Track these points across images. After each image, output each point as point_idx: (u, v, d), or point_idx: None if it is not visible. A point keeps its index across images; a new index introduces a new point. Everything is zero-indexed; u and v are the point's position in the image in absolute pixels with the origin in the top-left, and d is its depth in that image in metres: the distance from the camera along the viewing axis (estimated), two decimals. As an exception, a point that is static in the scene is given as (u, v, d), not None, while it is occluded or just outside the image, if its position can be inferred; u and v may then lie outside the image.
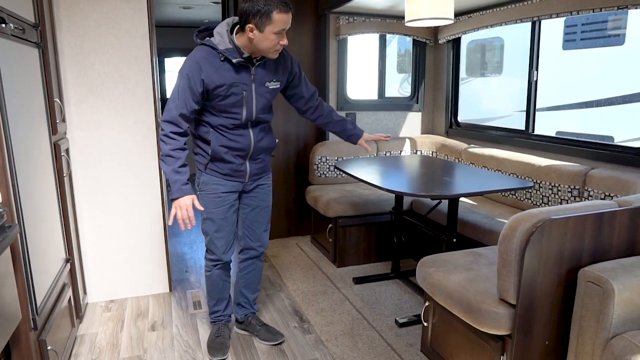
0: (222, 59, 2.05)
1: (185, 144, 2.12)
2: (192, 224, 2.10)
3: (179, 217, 2.09)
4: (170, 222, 2.19)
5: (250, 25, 1.95)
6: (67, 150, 2.71)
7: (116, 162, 2.93)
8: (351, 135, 2.52)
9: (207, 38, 2.10)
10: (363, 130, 2.55)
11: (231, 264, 2.50)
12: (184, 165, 2.10)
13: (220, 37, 2.05)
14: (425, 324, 2.33)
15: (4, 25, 1.74)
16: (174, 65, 8.04)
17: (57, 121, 2.47)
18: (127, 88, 2.89)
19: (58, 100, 2.53)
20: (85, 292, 2.96)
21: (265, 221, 2.48)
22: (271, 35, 1.97)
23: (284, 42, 2.03)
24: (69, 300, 2.46)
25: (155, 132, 2.98)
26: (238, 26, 2.05)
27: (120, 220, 3.00)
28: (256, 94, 2.16)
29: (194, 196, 2.13)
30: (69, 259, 2.54)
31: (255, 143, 2.24)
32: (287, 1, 1.98)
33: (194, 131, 2.26)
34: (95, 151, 2.89)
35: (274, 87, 2.22)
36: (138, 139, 2.95)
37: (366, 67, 4.69)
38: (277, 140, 2.42)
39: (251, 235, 2.46)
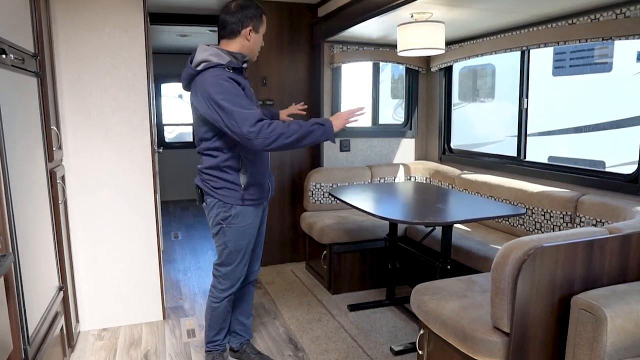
0: (230, 70, 2.13)
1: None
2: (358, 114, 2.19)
3: (348, 116, 2.14)
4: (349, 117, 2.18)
5: (248, 28, 2.16)
6: (62, 177, 2.72)
7: (111, 189, 2.94)
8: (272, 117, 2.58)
9: (204, 63, 2.13)
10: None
11: None
12: (310, 124, 2.04)
13: (217, 55, 2.13)
14: (421, 352, 2.31)
15: (4, 56, 1.77)
16: (170, 90, 8.12)
17: (54, 148, 2.48)
18: (124, 115, 2.92)
19: (55, 128, 2.55)
20: (77, 321, 2.93)
21: (261, 244, 2.52)
22: (261, 35, 2.23)
23: (262, 45, 2.29)
24: (61, 329, 2.44)
25: (150, 159, 3.01)
26: (222, 39, 2.21)
27: (114, 247, 2.99)
28: (256, 101, 2.31)
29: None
30: (62, 287, 2.53)
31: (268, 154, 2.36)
32: None
33: (218, 164, 2.19)
34: (91, 178, 2.90)
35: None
36: (134, 165, 2.97)
37: (360, 94, 4.76)
38: None
39: (251, 260, 2.45)
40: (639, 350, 1.69)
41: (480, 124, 6.72)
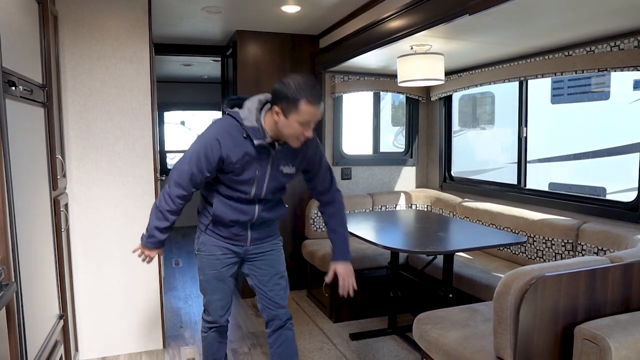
0: (244, 135, 2.00)
1: (182, 208, 2.15)
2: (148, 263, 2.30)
3: (140, 255, 2.26)
4: (133, 251, 2.31)
5: (277, 108, 1.92)
6: (66, 205, 2.74)
7: (114, 217, 2.96)
8: (333, 252, 2.28)
9: (236, 109, 2.05)
10: (345, 258, 2.23)
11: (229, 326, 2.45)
12: (168, 229, 2.18)
13: (249, 112, 2.00)
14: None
15: (14, 88, 1.81)
16: (172, 117, 8.22)
17: (58, 177, 2.51)
18: (128, 144, 2.96)
19: (60, 157, 2.58)
20: (77, 349, 2.90)
21: (279, 288, 2.33)
22: (295, 123, 1.90)
23: (309, 134, 1.95)
24: (61, 358, 2.41)
25: (154, 187, 3.03)
26: (269, 104, 2.01)
27: (115, 275, 2.98)
28: (269, 176, 2.10)
29: (161, 251, 2.28)
30: (62, 315, 2.51)
31: (259, 213, 2.17)
32: (320, 94, 1.93)
33: (202, 192, 2.23)
34: (94, 206, 2.92)
35: (289, 172, 2.13)
36: (137, 194, 2.99)
37: (361, 123, 4.82)
38: (286, 207, 2.34)
39: (269, 305, 2.32)
40: (644, 382, 1.67)
41: (480, 151, 6.77)
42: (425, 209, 4.26)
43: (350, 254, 2.26)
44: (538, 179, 5.27)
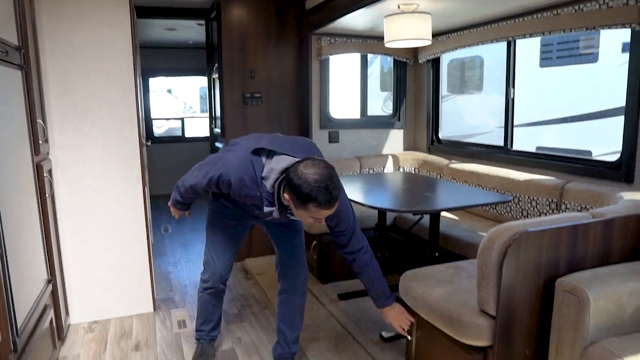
0: (258, 192, 1.88)
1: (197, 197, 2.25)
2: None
3: (172, 212, 2.38)
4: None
5: (287, 195, 1.79)
6: (49, 171, 2.71)
7: (100, 182, 2.93)
8: (376, 300, 2.21)
9: (259, 157, 1.87)
10: (391, 301, 2.18)
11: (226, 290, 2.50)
12: (188, 204, 2.31)
13: (269, 176, 1.84)
14: (410, 337, 2.34)
15: (-13, 47, 1.76)
16: (158, 85, 8.09)
17: (40, 142, 2.47)
18: (111, 109, 2.91)
19: (41, 121, 2.53)
20: (67, 313, 2.92)
21: (297, 244, 2.33)
22: (305, 215, 1.80)
23: (320, 223, 1.87)
24: (51, 321, 2.43)
25: (139, 153, 3.00)
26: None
27: (103, 240, 2.98)
28: (272, 220, 2.03)
29: (188, 212, 2.39)
30: (51, 280, 2.52)
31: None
32: (335, 195, 1.73)
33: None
34: (79, 171, 2.89)
35: (295, 218, 1.98)
36: (122, 159, 2.96)
37: (349, 86, 4.78)
38: None
39: (288, 261, 2.34)
40: (620, 330, 1.73)
41: (469, 116, 6.76)
42: (413, 172, 4.28)
43: (390, 294, 2.19)
44: (525, 144, 5.29)
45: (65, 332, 2.80)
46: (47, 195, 2.55)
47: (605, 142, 4.79)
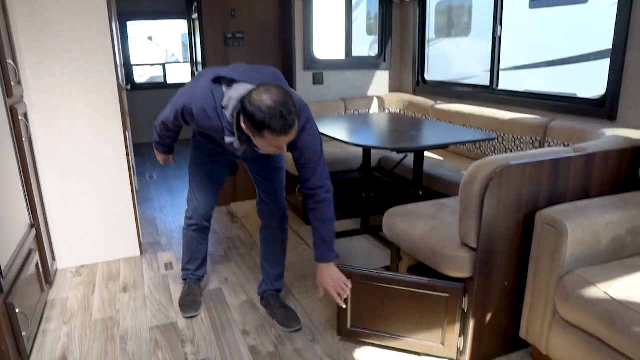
0: (220, 123, 1.82)
1: (176, 135, 2.27)
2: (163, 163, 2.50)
3: (157, 157, 2.44)
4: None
5: (244, 123, 1.71)
6: (25, 114, 2.62)
7: (78, 125, 2.86)
8: (318, 248, 2.06)
9: (220, 86, 1.80)
10: (329, 259, 2.02)
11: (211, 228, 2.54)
12: (169, 145, 2.35)
13: (229, 105, 1.76)
14: (344, 306, 2.27)
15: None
16: (139, 31, 7.80)
17: (12, 84, 2.38)
18: (86, 49, 2.79)
19: (12, 62, 2.43)
20: (54, 258, 2.93)
21: (276, 182, 2.32)
22: (263, 143, 1.73)
23: (282, 152, 1.80)
24: (37, 265, 2.44)
25: (117, 96, 2.91)
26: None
27: (86, 184, 2.95)
28: (244, 154, 2.00)
29: (172, 156, 2.44)
30: (34, 225, 2.51)
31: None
32: (292, 121, 1.64)
33: None
34: (55, 115, 2.80)
35: (264, 151, 1.92)
36: (100, 100, 2.87)
37: (333, 26, 4.63)
38: None
39: (266, 199, 2.33)
40: (596, 260, 1.78)
41: (456, 61, 6.65)
42: (399, 113, 4.24)
43: (334, 250, 2.04)
44: (512, 87, 5.25)
45: (53, 276, 2.82)
46: (23, 139, 2.49)
47: (590, 85, 4.77)
